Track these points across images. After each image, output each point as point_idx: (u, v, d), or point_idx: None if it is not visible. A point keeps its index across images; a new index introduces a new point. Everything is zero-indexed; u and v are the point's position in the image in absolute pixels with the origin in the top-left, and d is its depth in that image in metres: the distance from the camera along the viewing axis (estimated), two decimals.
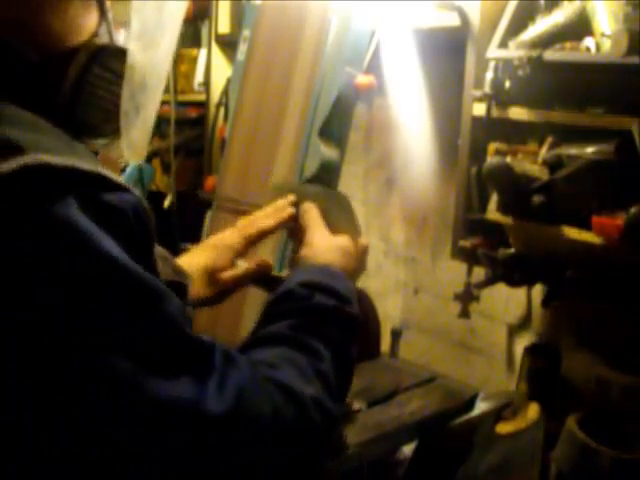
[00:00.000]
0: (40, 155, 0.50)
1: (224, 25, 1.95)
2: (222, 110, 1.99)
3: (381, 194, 1.84)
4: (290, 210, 1.03)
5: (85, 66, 0.65)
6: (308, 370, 0.70)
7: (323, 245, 0.95)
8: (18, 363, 0.50)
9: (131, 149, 0.72)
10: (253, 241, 1.02)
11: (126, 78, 0.70)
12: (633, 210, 1.02)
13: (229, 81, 1.82)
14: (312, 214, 1.01)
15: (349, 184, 1.78)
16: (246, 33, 1.65)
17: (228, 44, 1.92)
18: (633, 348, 1.28)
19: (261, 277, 1.03)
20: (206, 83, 2.02)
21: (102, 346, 0.51)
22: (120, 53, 0.69)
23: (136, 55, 0.69)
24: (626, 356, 1.28)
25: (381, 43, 1.51)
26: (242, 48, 1.66)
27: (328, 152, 1.49)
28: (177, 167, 1.99)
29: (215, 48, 1.99)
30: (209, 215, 1.67)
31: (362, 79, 1.48)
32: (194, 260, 0.98)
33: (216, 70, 2.01)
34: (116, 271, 0.53)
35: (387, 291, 1.82)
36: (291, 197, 1.05)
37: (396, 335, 1.50)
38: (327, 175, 1.49)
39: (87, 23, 0.67)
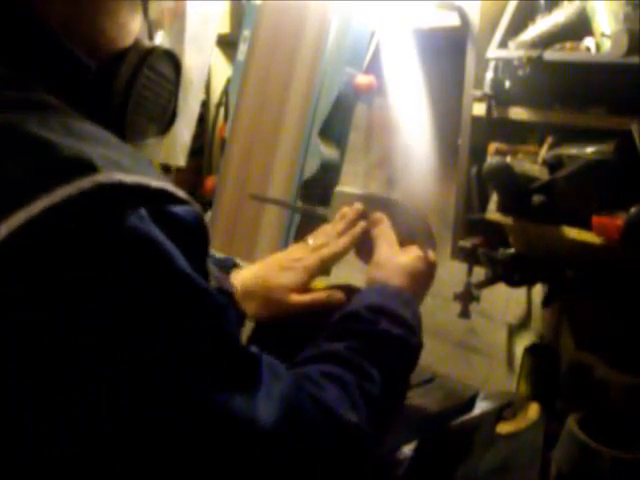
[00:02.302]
0: (114, 173, 0.51)
1: (224, 25, 1.95)
2: (222, 110, 1.99)
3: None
4: (362, 224, 0.97)
5: (136, 68, 0.66)
6: (355, 392, 0.69)
7: (395, 266, 0.90)
8: (100, 374, 0.50)
9: (179, 149, 0.73)
10: (329, 264, 0.96)
11: (181, 80, 0.72)
12: (633, 210, 1.02)
13: (229, 81, 1.83)
14: (383, 227, 0.95)
15: (350, 184, 1.78)
16: (246, 33, 1.65)
17: (228, 44, 1.92)
18: (633, 348, 1.28)
19: (328, 307, 0.92)
20: (206, 83, 2.02)
21: (170, 358, 0.52)
22: (167, 55, 0.70)
23: (186, 58, 0.71)
24: (626, 356, 1.28)
25: (381, 43, 1.51)
26: (242, 48, 1.65)
27: (328, 152, 1.49)
28: (177, 167, 1.99)
29: (215, 48, 1.98)
30: (209, 216, 1.67)
31: (362, 79, 1.48)
32: (272, 279, 0.93)
33: (216, 70, 2.01)
34: (187, 285, 0.53)
35: None
36: (358, 206, 0.98)
37: None
38: (327, 175, 1.49)
39: (134, 26, 0.68)
